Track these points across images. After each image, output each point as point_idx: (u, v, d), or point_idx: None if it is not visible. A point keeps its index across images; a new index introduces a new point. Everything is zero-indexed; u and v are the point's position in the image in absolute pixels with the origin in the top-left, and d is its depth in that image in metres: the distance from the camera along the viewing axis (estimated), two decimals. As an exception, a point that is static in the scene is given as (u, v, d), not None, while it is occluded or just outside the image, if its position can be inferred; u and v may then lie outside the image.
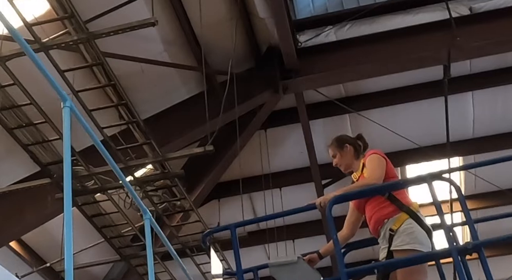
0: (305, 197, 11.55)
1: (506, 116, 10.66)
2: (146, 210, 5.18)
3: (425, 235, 4.54)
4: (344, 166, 5.13)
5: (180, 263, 6.17)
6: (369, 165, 4.83)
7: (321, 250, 5.09)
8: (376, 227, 4.72)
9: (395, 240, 4.54)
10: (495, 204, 11.75)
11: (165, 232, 7.72)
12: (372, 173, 4.76)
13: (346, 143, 5.15)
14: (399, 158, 11.14)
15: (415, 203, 4.76)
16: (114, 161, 4.60)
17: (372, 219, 4.77)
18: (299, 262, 4.82)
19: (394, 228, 4.57)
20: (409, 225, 4.55)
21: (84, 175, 7.71)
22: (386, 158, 4.88)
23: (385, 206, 4.68)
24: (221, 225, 7.86)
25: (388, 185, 4.72)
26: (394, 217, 4.62)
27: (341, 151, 5.12)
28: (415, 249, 4.44)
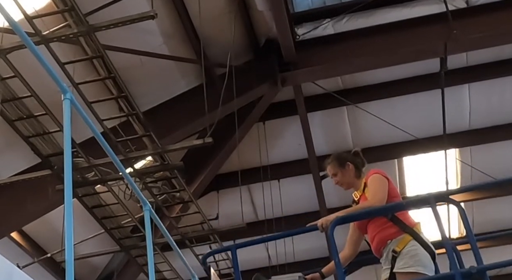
0: (303, 189, 11.62)
1: (502, 108, 10.66)
2: (146, 201, 5.18)
3: (428, 257, 4.49)
4: (346, 184, 5.07)
5: (179, 254, 6.17)
6: (372, 186, 4.77)
7: (323, 270, 5.03)
8: (379, 247, 4.69)
9: (398, 262, 4.50)
10: (490, 195, 11.76)
11: (165, 223, 7.73)
12: (374, 195, 4.70)
13: (347, 161, 5.08)
14: (396, 149, 11.17)
15: (418, 223, 4.70)
16: (114, 153, 4.60)
17: (375, 239, 4.72)
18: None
19: (398, 249, 4.53)
20: (413, 247, 4.51)
21: (85, 167, 7.70)
22: (388, 178, 4.84)
23: (388, 227, 4.63)
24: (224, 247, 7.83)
25: (390, 207, 4.67)
26: (397, 238, 4.57)
27: (342, 170, 5.06)
28: (419, 272, 4.40)
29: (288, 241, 12.02)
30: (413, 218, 4.76)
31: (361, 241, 5.03)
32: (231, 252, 4.99)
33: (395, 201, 4.79)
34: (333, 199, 11.70)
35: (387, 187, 4.75)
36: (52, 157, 7.42)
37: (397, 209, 4.67)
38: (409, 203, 4.77)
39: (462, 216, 4.37)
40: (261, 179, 10.82)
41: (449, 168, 10.46)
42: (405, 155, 11.31)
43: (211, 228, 9.54)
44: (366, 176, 4.92)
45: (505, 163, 11.38)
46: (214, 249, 6.50)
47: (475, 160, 11.19)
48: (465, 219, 4.37)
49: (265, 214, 11.35)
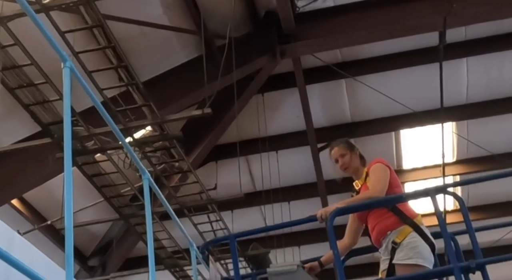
0: (300, 160, 11.65)
1: (500, 83, 10.65)
2: (145, 170, 5.19)
3: (428, 249, 4.46)
4: (352, 169, 4.98)
5: (178, 222, 6.20)
6: (373, 175, 4.73)
7: (322, 259, 4.97)
8: (379, 238, 4.65)
9: (397, 253, 4.47)
10: (486, 168, 11.79)
11: (164, 192, 7.73)
12: (375, 185, 4.66)
13: (354, 147, 5.03)
14: (393, 122, 11.17)
15: (419, 215, 4.64)
16: (113, 122, 4.59)
17: (375, 229, 4.69)
18: (299, 270, 4.68)
19: (398, 241, 4.49)
20: (413, 239, 4.47)
21: (84, 136, 7.69)
22: (390, 167, 4.79)
23: (389, 218, 4.59)
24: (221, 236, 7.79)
25: (390, 199, 4.62)
26: (397, 230, 4.53)
27: (352, 153, 5.00)
28: (418, 264, 4.37)
29: (285, 212, 12.08)
30: (414, 209, 4.71)
31: (360, 231, 4.98)
32: (230, 241, 4.95)
33: (397, 191, 4.73)
34: (330, 170, 11.71)
35: (389, 177, 4.70)
36: (52, 125, 7.40)
37: (397, 201, 4.62)
38: (409, 195, 4.70)
39: (461, 208, 4.32)
40: (260, 150, 10.83)
41: (445, 141, 10.46)
42: (402, 128, 11.32)
43: (209, 198, 9.57)
44: (368, 166, 4.86)
45: (501, 137, 11.41)
46: (212, 238, 6.49)
47: (472, 134, 11.20)
48: (465, 211, 4.31)
49: (263, 185, 11.40)
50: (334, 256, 4.33)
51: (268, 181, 11.27)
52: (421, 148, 11.73)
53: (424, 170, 12.02)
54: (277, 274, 4.71)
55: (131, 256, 12.49)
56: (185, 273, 11.30)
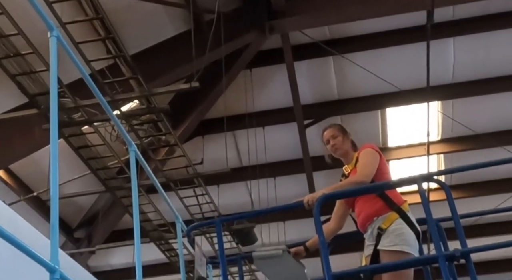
0: (287, 136, 11.65)
1: (486, 63, 10.66)
2: (132, 142, 5.16)
3: (414, 237, 4.43)
4: (342, 151, 4.94)
5: (164, 196, 6.20)
6: (362, 160, 4.69)
7: (307, 243, 4.92)
8: (365, 223, 4.63)
9: (383, 239, 4.45)
10: (470, 147, 11.86)
11: (150, 165, 7.71)
12: (363, 170, 4.63)
13: (347, 132, 5.01)
14: (380, 100, 11.18)
15: (406, 202, 4.60)
16: (101, 94, 4.55)
17: (361, 214, 4.66)
18: (284, 255, 4.63)
19: (383, 227, 4.46)
20: (399, 225, 4.44)
21: (71, 107, 7.64)
22: (380, 153, 4.75)
23: (376, 203, 4.56)
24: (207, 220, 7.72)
25: (377, 186, 4.59)
26: (384, 216, 4.50)
27: (344, 135, 4.97)
28: (403, 251, 4.35)
29: (271, 187, 12.11)
30: (401, 196, 4.67)
31: (347, 215, 4.95)
32: (216, 225, 4.90)
33: (385, 177, 4.69)
34: (316, 147, 11.72)
35: (378, 162, 4.66)
36: (39, 96, 7.34)
37: (384, 188, 4.58)
38: (396, 182, 4.67)
39: (447, 196, 4.26)
40: (246, 125, 10.82)
41: (430, 120, 10.48)
42: (388, 106, 11.33)
43: (195, 172, 9.57)
44: (358, 151, 4.83)
45: (485, 116, 11.46)
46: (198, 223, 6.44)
47: (456, 113, 11.24)
48: (451, 199, 4.26)
49: (249, 160, 11.40)
50: (320, 245, 4.29)
51: (255, 157, 11.28)
52: (406, 127, 11.76)
53: (409, 148, 12.06)
54: (263, 258, 4.67)
55: (116, 229, 12.50)
56: (170, 246, 11.34)
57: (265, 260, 4.66)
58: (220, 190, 11.90)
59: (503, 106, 11.37)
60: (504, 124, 11.67)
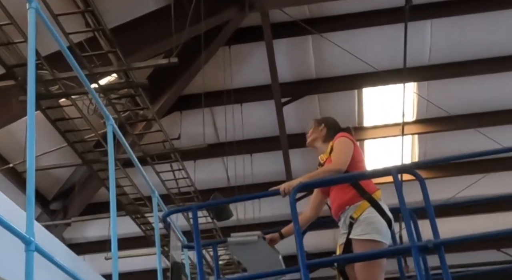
0: (264, 114, 11.66)
1: (462, 46, 10.72)
2: (109, 116, 5.15)
3: (385, 225, 4.46)
4: (310, 140, 5.05)
5: (140, 170, 6.20)
6: (336, 148, 4.71)
7: (283, 230, 4.93)
8: (337, 212, 4.65)
9: (355, 228, 4.47)
10: (444, 128, 11.98)
11: (127, 139, 7.68)
12: (337, 158, 4.64)
13: (324, 123, 5.03)
14: (357, 80, 11.21)
15: (378, 190, 4.63)
16: (79, 67, 4.52)
17: (335, 203, 4.68)
18: (259, 241, 4.66)
19: (355, 216, 4.49)
20: (370, 214, 4.46)
21: (49, 80, 7.57)
22: (354, 142, 4.77)
23: (348, 192, 4.58)
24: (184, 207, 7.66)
25: (352, 176, 4.61)
26: (356, 205, 4.52)
27: (315, 127, 5.03)
28: (374, 239, 4.37)
29: (247, 164, 12.15)
30: (374, 184, 4.70)
31: (323, 204, 4.97)
32: (192, 211, 4.90)
33: (359, 165, 4.71)
34: (293, 125, 11.77)
35: (352, 151, 4.68)
36: (16, 67, 7.25)
37: (359, 178, 4.59)
38: (371, 173, 4.70)
39: (423, 189, 4.29)
40: (224, 102, 10.80)
41: (406, 101, 10.55)
42: (365, 86, 11.37)
43: (172, 147, 9.56)
44: (333, 140, 4.84)
45: (460, 98, 11.56)
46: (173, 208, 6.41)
47: (432, 94, 11.31)
48: (425, 193, 4.29)
49: (226, 136, 11.40)
50: (296, 234, 4.31)
51: (232, 133, 11.28)
52: (382, 107, 11.83)
53: (384, 128, 12.14)
54: (238, 244, 4.69)
55: (93, 202, 12.47)
56: (146, 219, 11.35)
57: (240, 246, 4.69)
58: (197, 165, 11.90)
59: (477, 88, 11.47)
60: (478, 107, 11.79)
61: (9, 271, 4.87)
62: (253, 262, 4.75)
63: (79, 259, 6.03)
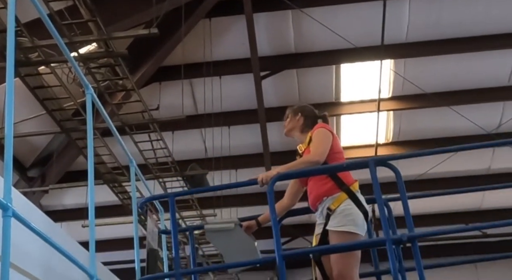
0: (243, 87, 11.63)
1: (439, 24, 10.74)
2: (89, 85, 5.10)
3: (362, 217, 4.45)
4: (287, 129, 5.03)
5: (119, 139, 6.17)
6: (315, 139, 4.67)
7: (259, 218, 4.88)
8: (315, 202, 4.63)
9: (331, 219, 4.45)
10: (418, 105, 12.05)
11: (106, 109, 7.62)
12: (316, 149, 4.60)
13: (301, 113, 4.98)
14: (335, 56, 11.21)
15: (356, 182, 4.61)
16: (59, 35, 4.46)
17: (312, 194, 4.67)
18: (236, 229, 4.64)
19: (332, 207, 4.47)
20: (347, 206, 4.45)
21: (28, 47, 7.46)
22: (332, 133, 4.73)
23: (326, 183, 4.56)
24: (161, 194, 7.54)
25: (330, 168, 4.59)
26: (333, 196, 4.51)
27: (292, 117, 4.99)
28: (351, 231, 4.37)
29: (225, 136, 12.14)
30: (352, 176, 4.67)
31: (300, 193, 4.93)
32: (169, 200, 4.83)
33: (338, 157, 4.69)
34: (271, 99, 11.78)
35: (330, 142, 4.65)
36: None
37: (337, 170, 4.57)
38: (349, 165, 4.63)
39: (398, 182, 4.27)
40: (203, 74, 10.75)
41: (383, 78, 10.59)
42: (343, 62, 11.37)
43: (151, 118, 9.52)
44: (312, 130, 4.80)
45: (435, 77, 11.62)
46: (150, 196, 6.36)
47: (408, 72, 11.36)
48: (401, 185, 4.27)
49: (205, 108, 11.37)
50: (273, 225, 4.30)
51: (210, 105, 11.25)
52: (359, 83, 11.86)
53: (361, 104, 12.18)
54: (214, 231, 4.68)
55: (70, 170, 12.42)
56: (123, 189, 11.33)
57: (216, 233, 4.66)
58: (175, 136, 11.88)
59: (452, 67, 11.54)
60: (452, 85, 11.87)
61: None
62: (229, 249, 4.73)
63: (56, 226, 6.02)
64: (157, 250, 5.32)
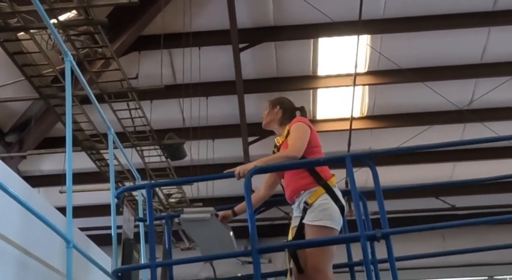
0: (222, 58, 11.56)
1: (415, 2, 10.74)
2: (68, 52, 5.04)
3: (338, 212, 4.46)
4: (265, 122, 4.99)
5: (97, 107, 6.12)
6: (293, 134, 4.65)
7: (236, 208, 4.88)
8: (292, 196, 4.64)
9: (308, 213, 4.46)
10: (394, 81, 12.10)
11: (85, 77, 7.54)
12: (294, 144, 4.59)
13: (279, 105, 4.95)
14: (313, 30, 11.18)
15: (333, 177, 4.61)
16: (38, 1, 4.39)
17: (289, 187, 4.67)
18: (212, 219, 4.63)
19: (310, 202, 4.48)
20: (324, 200, 4.46)
21: (8, 12, 7.34)
22: (311, 127, 4.71)
23: (304, 177, 4.56)
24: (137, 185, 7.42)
25: (307, 162, 4.58)
26: (310, 190, 4.51)
27: (271, 109, 4.96)
28: (327, 226, 4.39)
29: (203, 106, 12.10)
30: (329, 171, 4.68)
31: (277, 184, 4.93)
32: (146, 190, 4.82)
33: (316, 151, 4.68)
34: (249, 71, 11.74)
35: (309, 136, 4.64)
36: (-26, -1, 7.00)
37: (314, 164, 4.57)
38: (326, 160, 4.63)
39: (374, 178, 4.30)
40: (183, 45, 10.66)
41: (359, 53, 10.59)
42: (321, 36, 11.35)
43: (130, 86, 9.45)
44: (290, 124, 4.78)
45: (410, 53, 11.66)
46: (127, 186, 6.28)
47: (384, 47, 11.38)
48: (377, 181, 4.30)
49: (184, 78, 11.30)
50: (249, 219, 4.30)
51: (189, 76, 11.18)
52: (336, 57, 11.86)
53: (337, 78, 12.19)
54: (190, 221, 4.67)
55: (49, 136, 12.31)
56: (101, 156, 11.28)
57: (192, 223, 4.65)
58: (153, 105, 11.81)
59: (427, 44, 11.58)
60: (427, 61, 11.92)
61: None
62: (205, 239, 4.74)
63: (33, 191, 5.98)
64: (133, 240, 5.29)
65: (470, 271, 16.97)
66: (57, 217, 5.35)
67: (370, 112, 13.13)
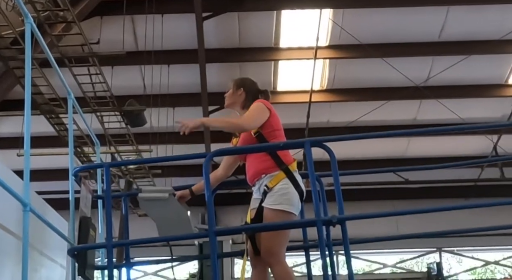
0: (185, 27, 11.44)
1: (379, -22, 10.80)
2: (28, 14, 4.92)
3: (297, 197, 4.46)
4: (228, 102, 4.90)
5: (57, 70, 6.02)
6: (250, 109, 4.62)
7: (193, 187, 4.85)
8: (253, 178, 4.61)
9: (268, 197, 4.46)
10: (354, 55, 12.16)
11: (46, 40, 7.38)
12: (246, 116, 4.55)
13: (243, 88, 4.85)
14: (277, 2, 11.15)
15: (294, 161, 4.59)
16: (-2, -39, 4.26)
17: (251, 170, 4.63)
18: (170, 198, 4.63)
19: (270, 185, 4.47)
20: (284, 185, 4.45)
21: (-34, -28, 7.10)
22: (271, 110, 4.65)
23: (265, 161, 4.53)
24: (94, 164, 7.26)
25: (267, 147, 4.55)
26: (272, 174, 4.49)
27: (234, 90, 4.85)
28: (285, 210, 4.39)
29: (164, 74, 11.99)
30: (291, 155, 4.65)
31: (236, 165, 4.89)
32: (104, 169, 4.78)
33: (277, 134, 4.64)
34: (212, 40, 11.65)
35: (265, 117, 4.58)
36: None
37: (273, 148, 4.54)
38: (285, 144, 4.60)
39: (332, 163, 4.33)
40: (146, 11, 10.50)
41: (321, 27, 10.60)
42: (284, 9, 11.30)
43: (91, 51, 9.29)
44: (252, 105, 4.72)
45: (371, 29, 11.71)
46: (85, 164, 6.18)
47: (346, 22, 11.41)
48: (335, 167, 4.33)
49: (145, 45, 11.16)
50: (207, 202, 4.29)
51: (151, 43, 11.04)
52: (298, 30, 11.85)
53: (299, 50, 12.19)
54: (148, 200, 4.64)
55: (7, 98, 12.05)
56: (60, 120, 11.12)
57: (150, 202, 4.65)
58: (114, 71, 11.64)
59: (388, 20, 11.64)
60: (386, 37, 11.99)
61: None
62: (163, 218, 4.72)
63: (-10, 154, 5.88)
64: (90, 217, 5.24)
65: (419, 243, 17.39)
66: (15, 180, 5.29)
67: (330, 85, 13.20)
